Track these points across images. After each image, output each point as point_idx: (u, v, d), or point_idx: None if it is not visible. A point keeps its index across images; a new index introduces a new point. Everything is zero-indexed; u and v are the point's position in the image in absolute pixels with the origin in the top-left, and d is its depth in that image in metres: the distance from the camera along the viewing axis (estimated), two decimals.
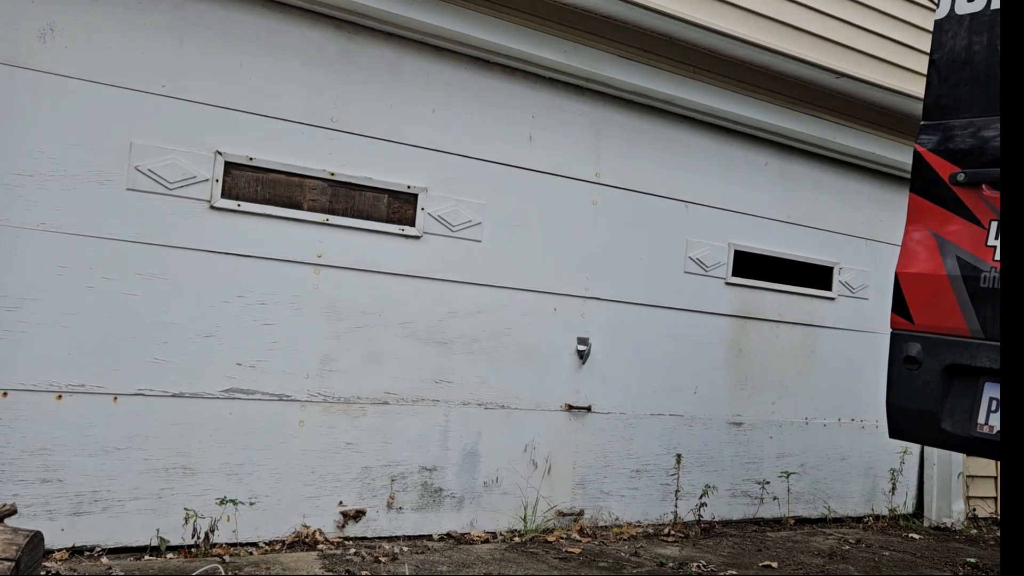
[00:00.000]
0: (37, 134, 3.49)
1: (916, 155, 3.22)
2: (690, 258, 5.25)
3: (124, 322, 3.65)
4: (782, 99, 5.36)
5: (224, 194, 3.86)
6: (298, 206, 4.03)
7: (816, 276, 5.82)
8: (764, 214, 5.55)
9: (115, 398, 3.63)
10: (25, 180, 3.46)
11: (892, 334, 3.21)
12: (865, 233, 6.02)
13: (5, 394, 3.43)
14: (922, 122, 3.25)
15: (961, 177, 3.04)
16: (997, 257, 2.90)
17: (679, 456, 5.15)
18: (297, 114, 4.02)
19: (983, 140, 3.03)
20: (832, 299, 5.88)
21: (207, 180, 3.81)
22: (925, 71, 3.38)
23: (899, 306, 3.17)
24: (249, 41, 3.90)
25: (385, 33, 4.21)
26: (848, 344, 5.93)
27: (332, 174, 4.09)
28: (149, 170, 3.69)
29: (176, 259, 3.75)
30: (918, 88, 4.85)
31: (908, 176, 3.33)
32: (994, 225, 2.93)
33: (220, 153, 3.83)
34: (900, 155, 5.67)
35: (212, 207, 3.82)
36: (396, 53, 4.26)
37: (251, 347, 3.91)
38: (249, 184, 3.92)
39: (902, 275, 3.17)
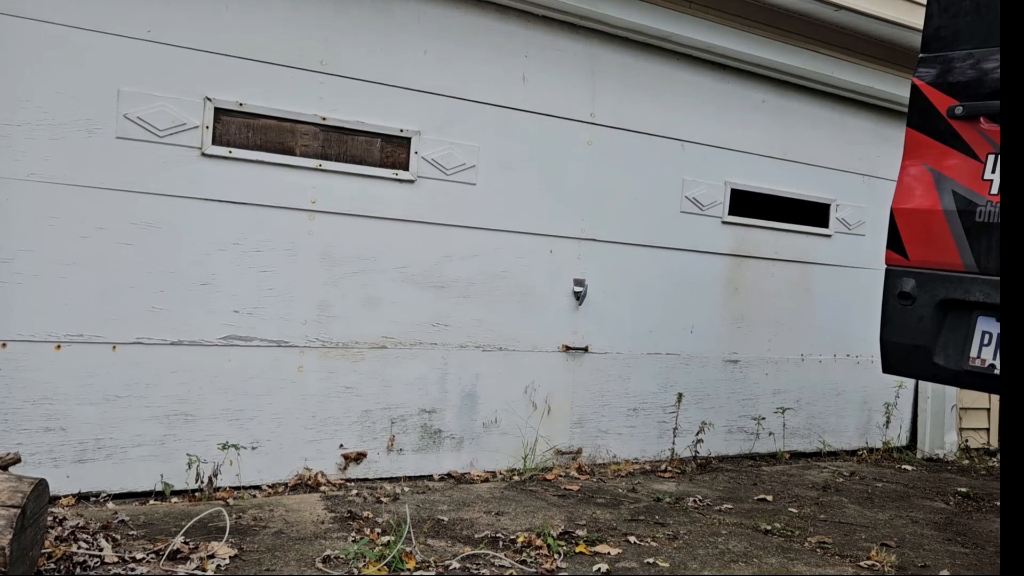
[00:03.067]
0: (23, 82, 3.43)
1: (914, 88, 3.18)
2: (686, 197, 5.22)
3: (120, 272, 3.65)
4: (780, 34, 5.26)
5: (215, 141, 3.81)
6: (290, 152, 3.99)
7: (813, 213, 5.80)
8: (761, 152, 5.51)
9: (114, 347, 3.65)
10: (13, 130, 3.42)
11: (886, 270, 3.21)
12: (863, 169, 5.98)
13: (4, 345, 3.45)
14: (921, 55, 3.20)
15: (959, 110, 3.00)
16: (994, 191, 2.88)
17: (678, 395, 5.21)
18: (287, 57, 3.96)
19: (982, 72, 2.99)
20: (829, 236, 5.87)
21: (197, 127, 3.77)
22: (925, 2, 3.32)
23: (894, 242, 3.17)
24: None
25: None
26: (845, 281, 5.94)
27: (324, 119, 4.04)
28: (138, 118, 3.64)
29: (169, 207, 3.73)
30: (918, 19, 4.75)
31: (906, 111, 3.29)
32: (991, 159, 2.91)
33: (210, 99, 3.78)
34: (899, 89, 5.59)
35: (203, 154, 3.79)
36: None
37: (248, 294, 3.92)
38: (240, 130, 3.88)
39: (898, 211, 3.16)
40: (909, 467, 5.76)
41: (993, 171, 2.90)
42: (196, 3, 3.73)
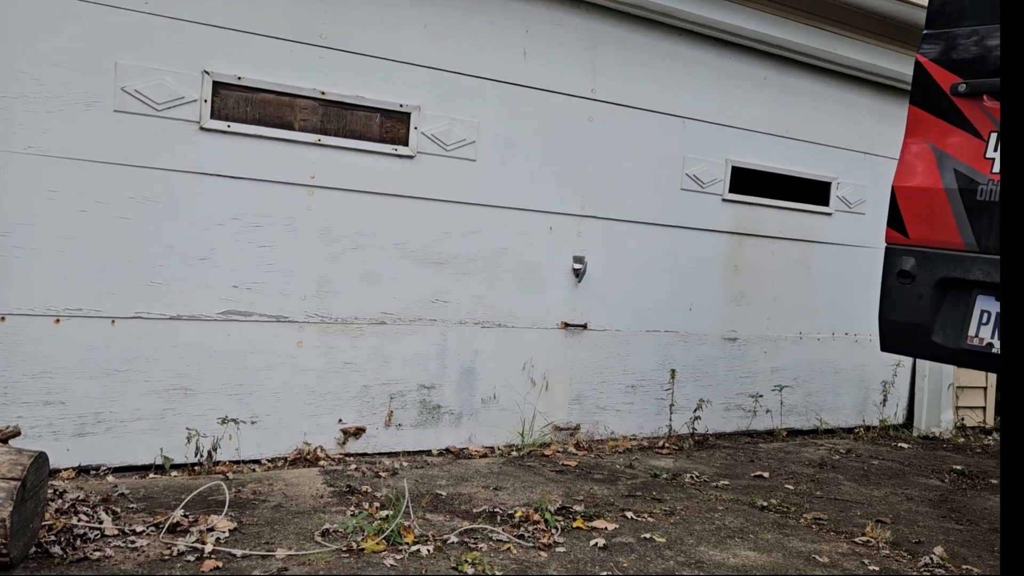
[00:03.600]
0: (19, 55, 3.41)
1: (917, 65, 3.15)
2: (687, 175, 5.20)
3: (119, 246, 3.64)
4: (783, 9, 5.22)
5: (214, 115, 3.79)
6: (289, 126, 3.97)
7: (814, 191, 5.78)
8: (762, 129, 5.48)
9: (113, 321, 3.65)
10: (10, 103, 3.40)
11: (886, 248, 3.21)
12: (864, 147, 5.96)
13: (3, 319, 3.45)
14: (924, 31, 3.17)
15: (962, 88, 2.99)
16: (995, 169, 2.87)
17: (674, 371, 5.22)
18: (286, 31, 3.92)
19: (987, 49, 2.96)
20: (829, 214, 5.86)
21: (195, 101, 3.74)
22: None
23: (894, 220, 3.16)
24: None
25: None
26: (845, 259, 5.94)
27: (323, 93, 4.02)
28: (136, 91, 3.62)
29: (168, 182, 3.72)
30: None
31: (909, 88, 3.27)
32: (993, 137, 2.90)
33: (208, 72, 3.75)
34: (902, 66, 5.56)
35: (202, 128, 3.77)
36: None
37: (247, 269, 3.91)
38: (239, 104, 3.85)
39: (899, 189, 3.15)
40: (905, 445, 5.78)
41: (995, 149, 2.89)
42: None
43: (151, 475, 3.67)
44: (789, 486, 4.34)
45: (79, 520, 2.94)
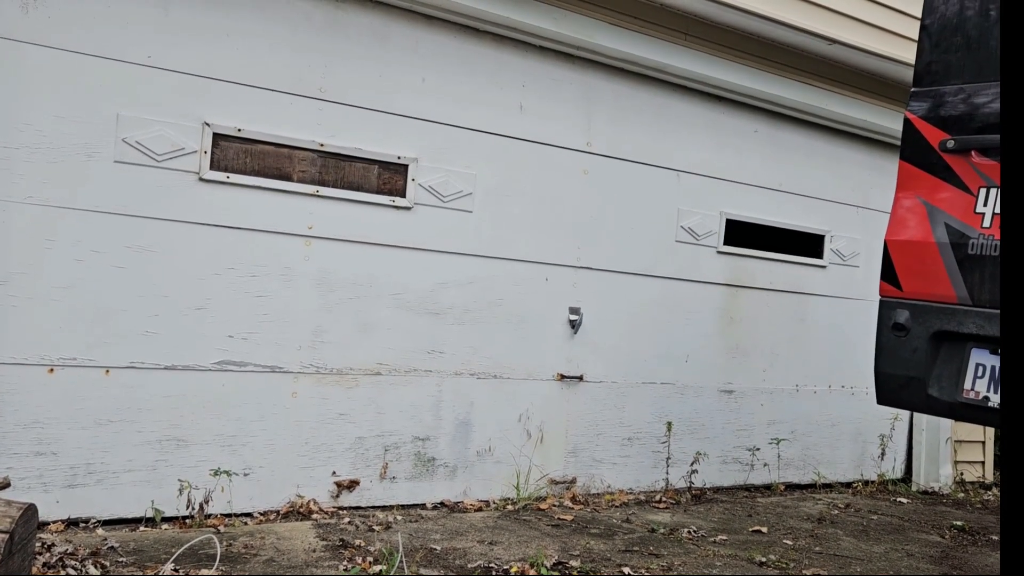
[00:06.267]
0: (22, 106, 3.45)
1: (906, 122, 3.21)
2: (681, 227, 5.25)
3: (114, 295, 3.64)
4: (773, 66, 5.33)
5: (213, 166, 3.83)
6: (288, 177, 4.01)
7: (807, 244, 5.83)
8: (756, 182, 5.55)
9: (107, 371, 3.63)
10: (11, 153, 3.43)
11: (880, 301, 3.22)
12: (856, 200, 6.03)
13: None
14: (912, 89, 3.24)
15: (951, 144, 3.03)
16: (986, 224, 2.90)
17: (670, 424, 5.19)
18: (285, 84, 3.99)
19: (974, 107, 3.02)
20: (823, 267, 5.90)
21: (195, 152, 3.78)
22: (916, 38, 3.36)
23: (888, 273, 3.18)
24: (235, 10, 3.85)
25: (373, 1, 4.16)
26: (839, 312, 5.95)
27: (322, 145, 4.07)
28: (137, 142, 3.66)
29: (166, 232, 3.74)
30: (910, 54, 4.81)
31: (899, 143, 3.32)
32: (983, 192, 2.93)
33: (208, 124, 3.80)
34: (891, 122, 5.65)
35: (201, 179, 3.80)
36: (384, 21, 4.22)
37: (243, 319, 3.91)
38: (238, 155, 3.90)
39: (891, 242, 3.18)
40: (904, 500, 5.73)
41: (985, 204, 2.93)
42: (197, 29, 3.77)
43: (141, 528, 3.62)
44: (788, 541, 4.29)
45: (67, 574, 2.88)
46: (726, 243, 5.44)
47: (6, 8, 3.41)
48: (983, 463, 6.70)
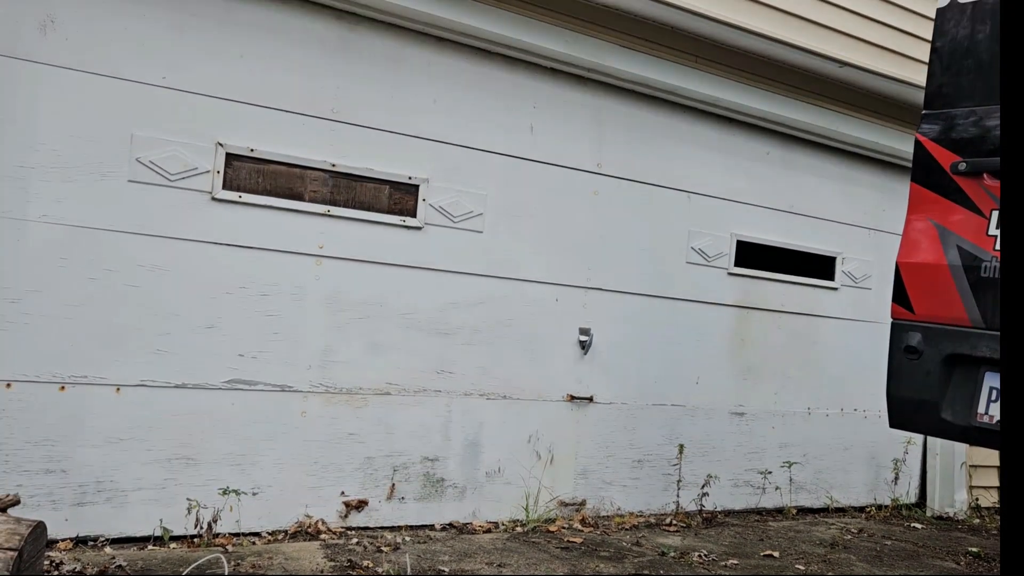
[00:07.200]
0: (38, 126, 3.50)
1: (917, 144, 3.21)
2: (692, 248, 5.24)
3: (126, 313, 3.66)
4: (785, 88, 5.34)
5: (225, 186, 3.86)
6: (299, 197, 4.03)
7: (819, 266, 5.81)
8: (767, 204, 5.54)
9: (118, 389, 3.65)
10: (27, 172, 3.47)
11: (892, 324, 3.20)
12: (868, 223, 6.01)
13: (9, 385, 3.45)
14: (924, 111, 3.23)
15: (962, 166, 3.03)
16: (998, 247, 2.89)
17: (682, 446, 5.16)
18: (298, 105, 4.02)
19: (985, 129, 3.01)
20: (835, 289, 5.87)
21: (208, 172, 3.81)
22: (927, 60, 3.36)
23: (900, 296, 3.17)
24: (250, 32, 3.90)
25: (386, 24, 4.20)
26: (851, 334, 5.92)
27: (333, 165, 4.09)
28: (151, 162, 3.69)
29: (178, 251, 3.76)
30: (921, 77, 4.82)
31: (910, 165, 3.32)
32: (995, 215, 2.92)
33: (221, 144, 3.84)
34: (903, 144, 5.64)
35: (214, 199, 3.83)
36: (397, 44, 4.25)
37: (253, 338, 3.92)
38: (251, 175, 3.92)
39: (903, 265, 3.16)
40: (918, 525, 5.66)
41: (997, 227, 2.91)
42: (211, 51, 3.81)
43: (150, 546, 3.61)
44: (800, 567, 4.24)
45: None
46: (737, 264, 5.42)
47: (25, 31, 3.47)
48: (999, 488, 6.61)
